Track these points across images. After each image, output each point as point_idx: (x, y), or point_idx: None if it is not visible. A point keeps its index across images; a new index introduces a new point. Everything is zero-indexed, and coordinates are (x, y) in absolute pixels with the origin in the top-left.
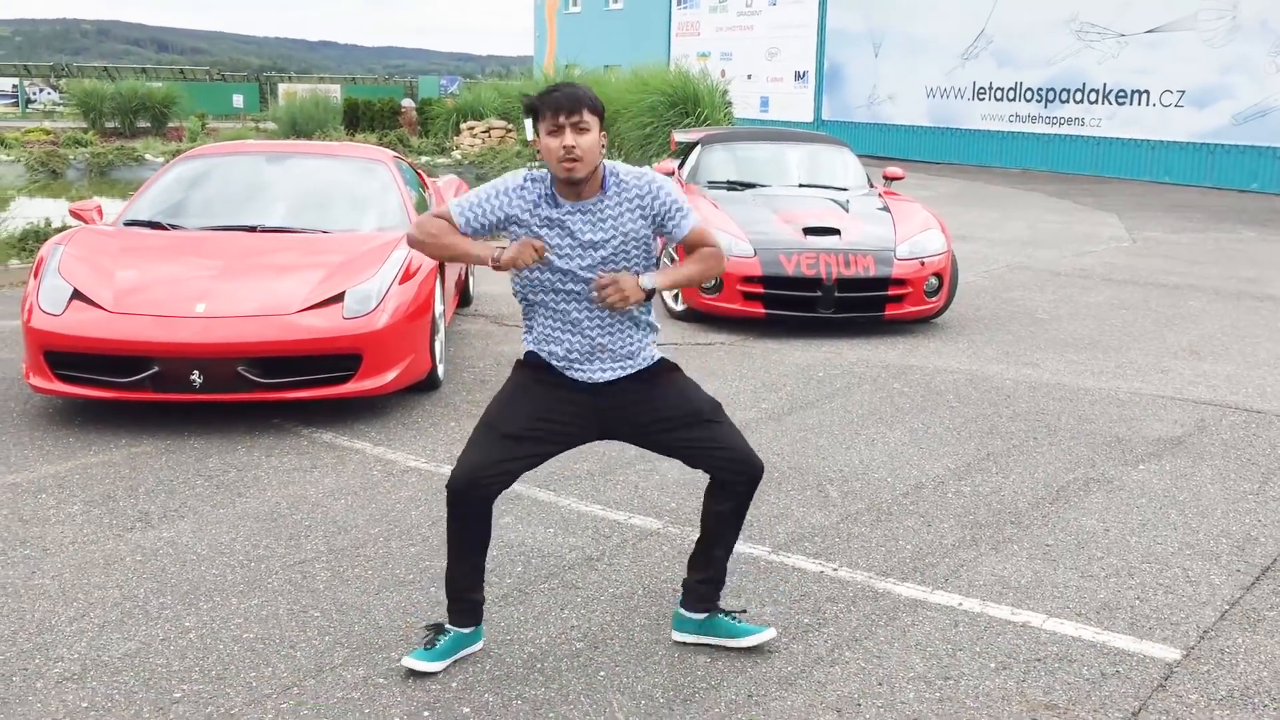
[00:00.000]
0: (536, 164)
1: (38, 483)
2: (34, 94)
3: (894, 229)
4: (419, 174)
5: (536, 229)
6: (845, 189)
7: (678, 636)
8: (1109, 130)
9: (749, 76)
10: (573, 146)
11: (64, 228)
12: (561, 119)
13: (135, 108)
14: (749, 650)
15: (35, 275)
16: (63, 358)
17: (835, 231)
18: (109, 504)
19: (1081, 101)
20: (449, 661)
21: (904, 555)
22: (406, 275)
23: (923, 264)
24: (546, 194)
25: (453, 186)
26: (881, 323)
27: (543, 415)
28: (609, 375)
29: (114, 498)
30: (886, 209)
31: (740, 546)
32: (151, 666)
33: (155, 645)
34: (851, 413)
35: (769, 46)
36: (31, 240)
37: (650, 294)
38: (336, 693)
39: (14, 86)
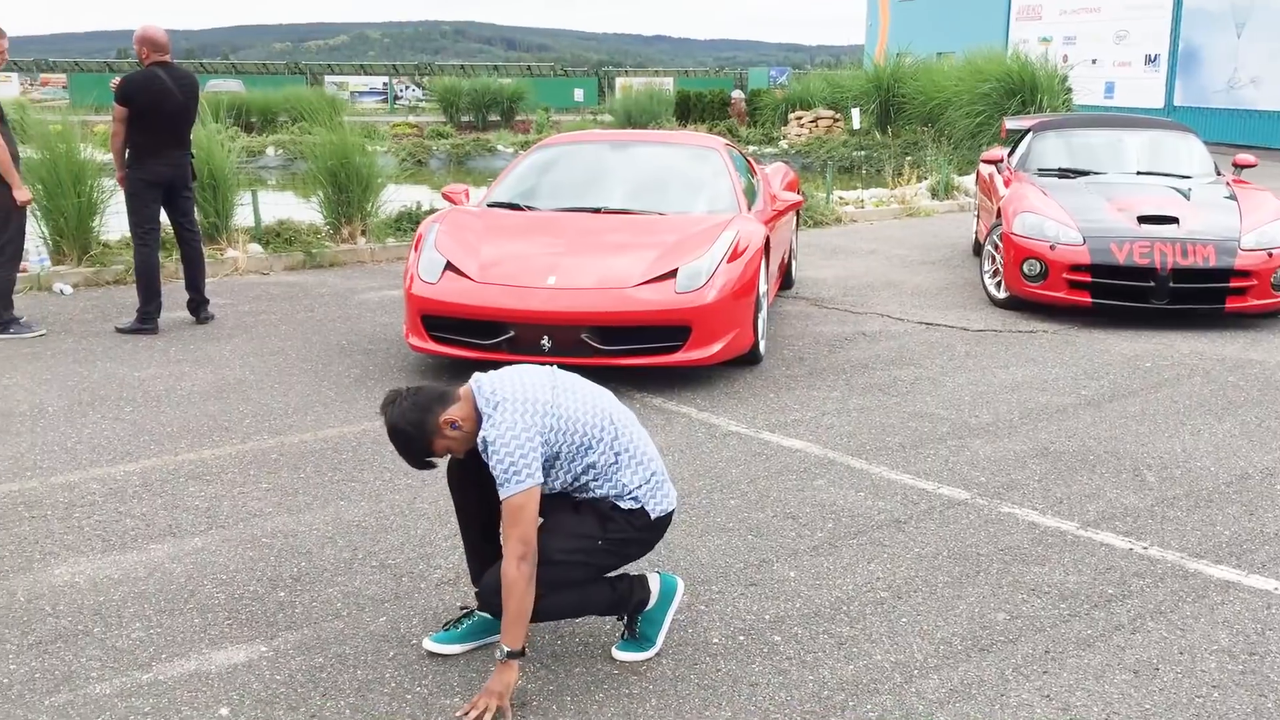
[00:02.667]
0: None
1: None
2: (400, 91)
3: (1240, 218)
4: (748, 161)
5: None
6: (1188, 177)
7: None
8: None
9: (1093, 61)
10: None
11: (432, 209)
12: None
13: (487, 102)
14: (1049, 612)
15: (416, 249)
16: (436, 321)
17: (1173, 220)
18: None
19: None
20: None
21: (1220, 540)
22: (734, 255)
23: (1270, 255)
24: None
25: (780, 174)
26: (1221, 316)
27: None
28: None
29: None
30: (1233, 197)
31: (1046, 520)
32: None
33: None
34: (1178, 403)
35: (1117, 29)
36: (405, 221)
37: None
38: None
39: (384, 84)
